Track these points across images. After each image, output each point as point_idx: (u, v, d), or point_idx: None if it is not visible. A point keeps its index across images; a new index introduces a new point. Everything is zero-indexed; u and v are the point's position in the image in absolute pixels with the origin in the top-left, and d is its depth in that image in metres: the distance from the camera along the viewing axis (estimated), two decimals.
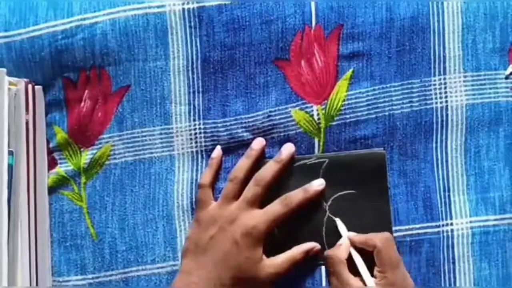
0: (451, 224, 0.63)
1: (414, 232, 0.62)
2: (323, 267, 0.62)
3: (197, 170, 0.63)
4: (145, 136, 0.64)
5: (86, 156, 0.64)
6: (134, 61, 0.63)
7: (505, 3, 0.63)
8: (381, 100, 0.63)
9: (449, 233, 0.62)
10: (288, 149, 0.62)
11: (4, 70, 0.60)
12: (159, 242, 0.63)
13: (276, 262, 0.59)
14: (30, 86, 0.62)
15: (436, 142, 0.63)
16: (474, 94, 0.63)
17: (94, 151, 0.64)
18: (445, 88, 0.63)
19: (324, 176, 0.61)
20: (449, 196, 0.63)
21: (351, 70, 0.63)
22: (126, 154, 0.64)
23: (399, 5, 0.62)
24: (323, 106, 0.63)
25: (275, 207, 0.59)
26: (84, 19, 0.63)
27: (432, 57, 0.63)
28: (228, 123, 0.63)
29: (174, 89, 0.63)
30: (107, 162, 0.64)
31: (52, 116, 0.64)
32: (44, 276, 0.62)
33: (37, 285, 0.61)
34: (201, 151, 0.64)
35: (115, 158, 0.64)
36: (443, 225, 0.63)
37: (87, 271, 0.63)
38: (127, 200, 0.64)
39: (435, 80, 0.63)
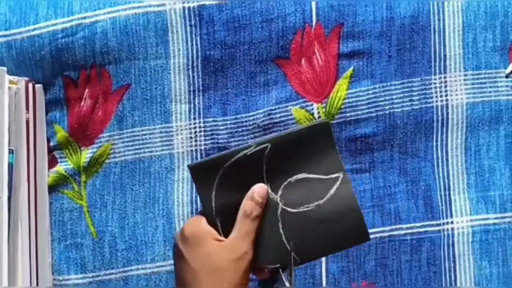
0: (452, 222, 0.62)
1: (415, 230, 0.62)
2: (323, 266, 0.62)
3: None
4: (145, 134, 0.64)
5: (86, 155, 0.64)
6: (134, 60, 0.63)
7: (506, 2, 0.63)
8: (382, 99, 0.63)
9: (450, 232, 0.62)
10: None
11: (5, 68, 0.60)
12: (159, 241, 0.63)
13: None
14: (30, 85, 0.62)
15: (437, 141, 0.63)
16: (474, 93, 0.63)
17: (94, 150, 0.64)
18: (446, 86, 0.63)
19: (268, 165, 0.51)
20: (449, 194, 0.63)
21: (351, 68, 0.63)
22: (126, 153, 0.64)
23: (399, 3, 0.62)
24: (324, 105, 0.63)
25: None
26: (85, 17, 0.63)
27: (432, 55, 0.63)
28: (228, 122, 0.63)
29: (175, 87, 0.63)
30: (107, 161, 0.64)
31: (53, 114, 0.64)
32: (44, 275, 0.62)
33: (37, 283, 0.61)
34: (201, 149, 0.64)
35: (115, 157, 0.64)
36: (443, 224, 0.62)
37: (87, 270, 0.63)
38: (127, 198, 0.64)
39: (435, 79, 0.63)
